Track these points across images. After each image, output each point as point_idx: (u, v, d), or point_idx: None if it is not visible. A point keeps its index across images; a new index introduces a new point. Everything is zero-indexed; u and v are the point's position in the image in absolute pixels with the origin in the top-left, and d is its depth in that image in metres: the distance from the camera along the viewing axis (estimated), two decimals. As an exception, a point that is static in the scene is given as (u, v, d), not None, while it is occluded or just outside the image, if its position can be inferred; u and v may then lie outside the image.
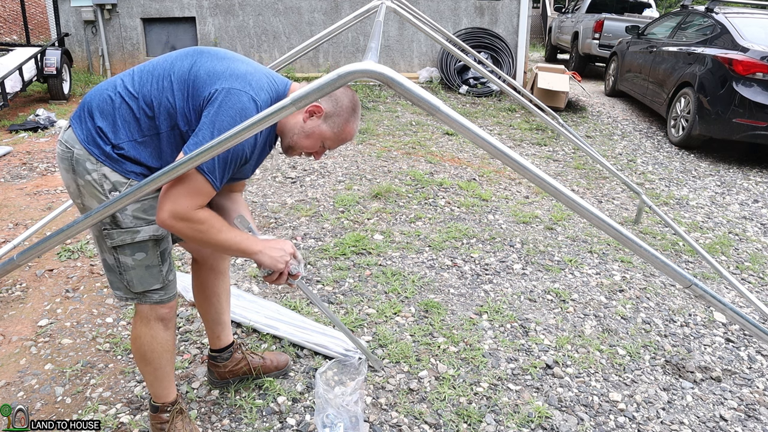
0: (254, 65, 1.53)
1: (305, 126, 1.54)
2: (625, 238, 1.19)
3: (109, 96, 1.47)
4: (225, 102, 1.38)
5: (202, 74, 1.44)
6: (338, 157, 4.94)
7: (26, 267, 2.93)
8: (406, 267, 3.06)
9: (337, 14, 8.37)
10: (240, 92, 1.40)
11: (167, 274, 1.61)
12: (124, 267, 1.55)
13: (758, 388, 2.26)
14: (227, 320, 2.01)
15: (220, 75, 1.43)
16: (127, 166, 1.46)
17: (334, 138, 1.57)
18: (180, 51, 1.55)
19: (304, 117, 1.53)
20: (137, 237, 1.51)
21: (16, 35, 11.75)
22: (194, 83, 1.43)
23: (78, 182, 1.48)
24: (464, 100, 7.69)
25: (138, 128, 1.45)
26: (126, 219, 1.49)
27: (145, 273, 1.56)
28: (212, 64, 1.46)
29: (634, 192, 3.92)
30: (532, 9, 11.51)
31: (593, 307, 2.78)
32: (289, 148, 1.60)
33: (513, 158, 1.11)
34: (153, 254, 1.56)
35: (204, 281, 1.91)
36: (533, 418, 2.02)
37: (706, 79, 5.51)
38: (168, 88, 1.45)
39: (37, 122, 5.85)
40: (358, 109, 1.58)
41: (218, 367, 2.05)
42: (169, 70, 1.47)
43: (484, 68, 4.20)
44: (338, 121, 1.54)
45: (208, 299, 1.93)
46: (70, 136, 1.48)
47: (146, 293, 1.59)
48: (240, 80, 1.42)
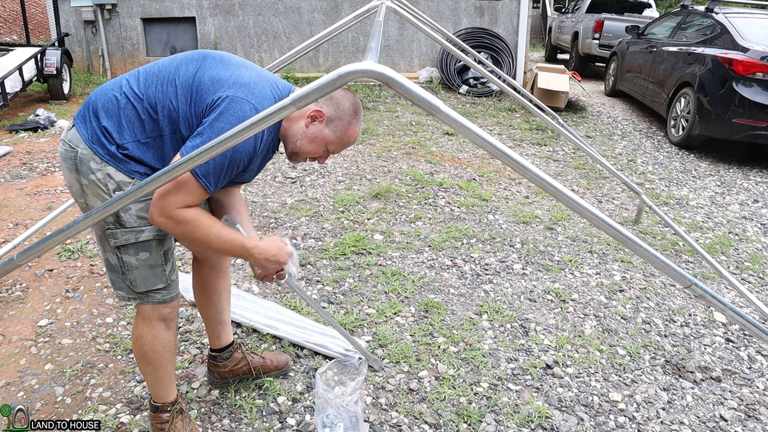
0: (258, 72, 1.54)
1: (308, 131, 1.55)
2: (625, 238, 1.19)
3: (114, 96, 1.47)
4: (227, 110, 1.39)
5: (206, 81, 1.44)
6: (338, 158, 4.94)
7: (26, 267, 2.93)
8: (406, 267, 3.06)
9: (337, 14, 8.37)
10: (243, 101, 1.40)
11: (170, 274, 1.62)
12: (128, 267, 1.55)
13: (758, 388, 2.26)
14: (227, 319, 2.01)
15: (224, 82, 1.43)
16: (131, 165, 1.47)
17: (338, 141, 1.57)
18: (186, 54, 1.55)
19: (306, 122, 1.54)
20: (141, 236, 1.51)
21: (16, 35, 11.76)
22: (198, 89, 1.44)
23: (81, 182, 1.48)
24: (464, 100, 7.69)
25: (142, 129, 1.46)
26: (130, 218, 1.49)
27: (149, 273, 1.57)
28: (217, 70, 1.47)
29: (634, 192, 3.92)
30: (532, 9, 11.51)
31: (593, 307, 2.78)
32: (294, 154, 1.60)
33: (513, 158, 1.11)
34: (157, 253, 1.56)
35: (205, 280, 1.91)
36: (533, 418, 2.02)
37: (706, 79, 5.51)
38: (172, 92, 1.45)
39: (37, 122, 5.85)
40: (359, 111, 1.59)
41: (218, 366, 2.05)
42: (174, 74, 1.48)
43: (484, 68, 4.20)
44: (341, 125, 1.55)
45: (209, 298, 1.94)
46: (74, 135, 1.48)
47: (149, 293, 1.59)
48: (244, 89, 1.43)
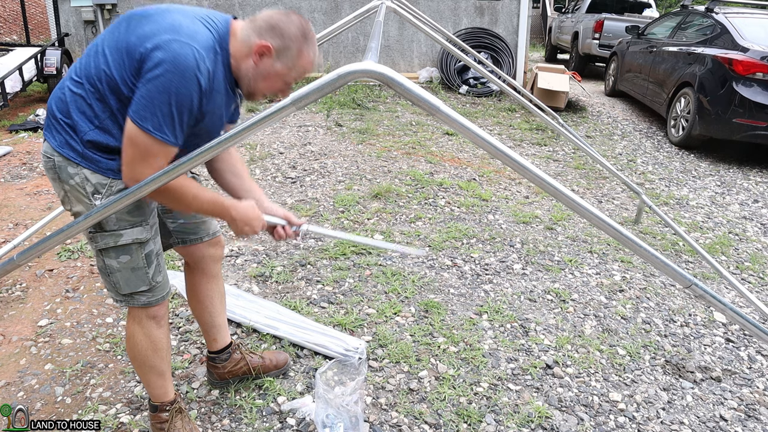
0: (186, 12, 1.44)
1: (258, 69, 1.46)
2: (625, 238, 1.19)
3: (62, 93, 1.45)
4: (158, 58, 1.31)
5: (133, 39, 1.37)
6: (338, 158, 4.94)
7: (26, 267, 2.93)
8: (406, 267, 3.06)
9: (337, 14, 8.37)
10: (171, 42, 1.33)
11: (154, 276, 1.60)
12: (110, 269, 1.55)
13: (758, 388, 2.26)
14: (222, 323, 2.00)
15: (149, 34, 1.36)
16: (102, 164, 1.44)
17: (293, 73, 1.49)
18: (112, 23, 1.48)
19: (254, 60, 1.45)
20: (120, 240, 1.51)
21: (16, 35, 11.76)
22: (127, 50, 1.37)
23: (65, 188, 1.48)
24: (464, 100, 7.69)
25: (93, 114, 1.41)
26: (109, 221, 1.48)
27: (131, 275, 1.56)
28: (142, 27, 1.39)
29: (634, 192, 3.92)
30: (532, 9, 11.51)
31: (593, 307, 2.78)
32: (250, 94, 1.53)
33: (513, 158, 1.11)
34: (137, 257, 1.55)
35: (196, 285, 1.91)
36: (533, 418, 2.02)
37: (706, 79, 5.51)
38: (103, 61, 1.39)
39: (37, 122, 5.84)
40: (309, 33, 1.46)
41: (217, 368, 2.05)
42: (102, 44, 1.42)
43: (484, 68, 4.20)
44: (291, 54, 1.45)
45: (201, 303, 1.93)
46: (47, 147, 1.47)
47: (133, 295, 1.59)
48: (169, 32, 1.35)
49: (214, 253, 1.89)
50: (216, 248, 1.89)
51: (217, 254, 1.91)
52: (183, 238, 1.81)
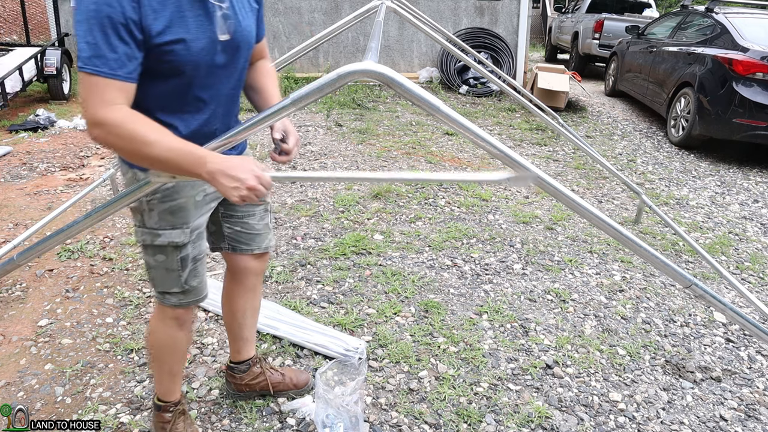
0: None
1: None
2: (625, 238, 1.19)
3: None
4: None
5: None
6: (338, 157, 4.94)
7: (26, 267, 2.93)
8: (406, 267, 3.06)
9: (337, 14, 8.36)
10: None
11: (189, 281, 1.56)
12: (148, 264, 1.55)
13: (758, 388, 2.26)
14: (249, 337, 1.95)
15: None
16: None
17: None
18: None
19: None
20: (156, 240, 1.49)
21: (16, 35, 11.76)
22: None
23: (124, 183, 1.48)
24: (464, 100, 7.69)
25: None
26: (152, 219, 1.46)
27: (165, 275, 1.54)
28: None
29: (634, 192, 3.92)
30: (532, 9, 11.51)
31: (593, 307, 2.78)
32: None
33: (513, 158, 1.11)
34: (172, 259, 1.52)
35: (233, 295, 1.87)
36: (533, 418, 2.02)
37: (706, 79, 5.51)
38: None
39: (37, 122, 5.84)
40: None
41: (235, 378, 2.00)
42: None
43: (484, 68, 4.20)
44: None
45: (233, 313, 1.89)
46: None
47: (165, 294, 1.58)
48: None
49: (257, 266, 1.83)
50: (260, 262, 1.83)
51: (259, 268, 1.84)
52: (234, 245, 1.75)
